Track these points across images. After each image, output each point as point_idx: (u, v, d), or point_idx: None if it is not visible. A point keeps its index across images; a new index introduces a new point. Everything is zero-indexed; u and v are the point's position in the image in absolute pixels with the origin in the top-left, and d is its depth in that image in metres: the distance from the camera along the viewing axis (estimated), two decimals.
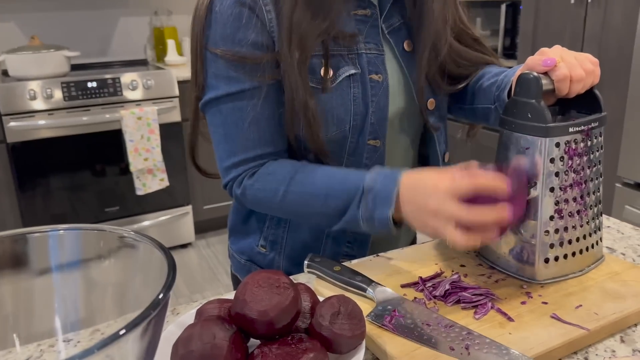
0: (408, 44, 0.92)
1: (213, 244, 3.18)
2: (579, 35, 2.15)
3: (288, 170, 0.84)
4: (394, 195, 0.75)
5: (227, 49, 0.82)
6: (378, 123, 0.88)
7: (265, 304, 0.56)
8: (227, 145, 0.86)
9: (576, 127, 0.73)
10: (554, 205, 0.74)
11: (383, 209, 0.76)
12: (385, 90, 0.88)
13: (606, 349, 0.64)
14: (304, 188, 0.82)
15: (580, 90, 0.76)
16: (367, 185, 0.78)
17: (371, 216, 0.77)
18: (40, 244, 0.50)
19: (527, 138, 0.73)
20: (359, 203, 0.78)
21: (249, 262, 1.00)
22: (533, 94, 0.73)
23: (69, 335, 0.52)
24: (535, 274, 0.76)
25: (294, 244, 0.95)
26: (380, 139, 0.89)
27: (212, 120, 0.87)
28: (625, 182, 1.97)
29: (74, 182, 2.74)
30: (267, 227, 0.96)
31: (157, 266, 0.45)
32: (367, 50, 0.87)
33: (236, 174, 0.87)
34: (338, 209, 0.80)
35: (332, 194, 0.80)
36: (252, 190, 0.86)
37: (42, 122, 2.56)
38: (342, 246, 0.94)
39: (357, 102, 0.86)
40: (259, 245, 0.98)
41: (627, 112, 1.90)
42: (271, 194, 0.84)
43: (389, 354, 0.62)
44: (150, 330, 0.39)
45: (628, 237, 0.93)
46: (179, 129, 2.89)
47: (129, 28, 3.31)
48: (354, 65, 0.85)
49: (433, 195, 0.71)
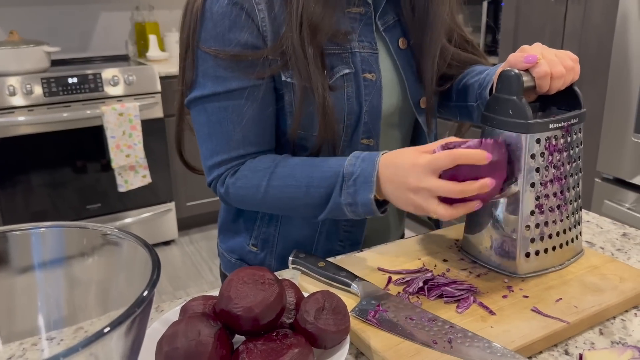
0: (402, 41, 0.92)
1: (196, 240, 3.16)
2: (559, 32, 2.18)
3: (268, 165, 0.84)
4: (374, 178, 0.76)
5: (217, 48, 0.81)
6: (371, 122, 0.88)
7: (250, 300, 0.56)
8: (210, 144, 0.86)
9: (556, 124, 0.75)
10: (534, 200, 0.75)
11: (364, 192, 0.77)
12: (378, 90, 0.88)
13: (585, 341, 0.66)
14: (285, 181, 0.82)
15: (561, 87, 0.77)
16: (347, 170, 0.78)
17: (354, 201, 0.78)
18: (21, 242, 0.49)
19: (508, 134, 0.74)
20: (341, 190, 0.78)
21: (239, 261, 1.00)
22: (514, 91, 0.74)
23: (52, 333, 0.52)
24: (516, 268, 0.77)
25: (285, 243, 0.95)
26: (373, 138, 0.89)
27: (197, 118, 0.87)
28: (605, 177, 2.00)
29: (54, 179, 2.70)
30: (258, 226, 0.96)
31: (141, 263, 0.45)
32: (361, 49, 0.87)
33: (219, 172, 0.87)
34: (321, 198, 0.81)
35: (313, 184, 0.81)
36: (235, 189, 0.86)
37: (22, 118, 2.52)
38: (335, 244, 0.94)
39: (351, 102, 0.86)
40: (250, 244, 0.97)
41: (606, 108, 1.93)
42: (253, 190, 0.84)
43: (373, 348, 0.62)
44: (134, 328, 0.38)
45: (607, 232, 0.95)
46: (161, 125, 2.87)
47: (110, 23, 3.28)
48: (348, 65, 0.85)
49: (412, 171, 0.72)
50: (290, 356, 0.54)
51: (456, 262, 0.81)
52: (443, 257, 0.83)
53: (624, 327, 0.68)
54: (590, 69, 2.06)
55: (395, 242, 0.89)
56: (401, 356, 0.60)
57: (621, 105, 1.88)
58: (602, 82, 2.00)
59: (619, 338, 0.66)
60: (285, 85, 0.84)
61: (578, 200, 0.81)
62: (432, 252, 0.84)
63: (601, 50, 2.01)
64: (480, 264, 0.81)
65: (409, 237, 0.91)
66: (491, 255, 0.79)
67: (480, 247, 0.80)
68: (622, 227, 0.96)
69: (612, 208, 1.95)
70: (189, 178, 3.06)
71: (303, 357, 0.54)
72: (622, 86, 1.86)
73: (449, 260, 0.82)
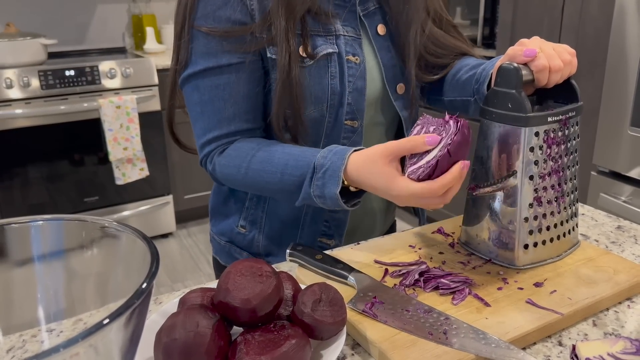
0: (381, 27, 0.93)
1: (194, 233, 3.17)
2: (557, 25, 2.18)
3: (251, 147, 0.86)
4: (341, 173, 0.77)
5: (209, 26, 0.83)
6: (355, 104, 0.90)
7: (247, 292, 0.56)
8: (203, 122, 0.88)
9: (554, 117, 0.75)
10: (533, 192, 0.76)
11: (331, 186, 0.78)
12: (362, 72, 0.90)
13: (579, 333, 0.67)
14: (262, 165, 0.84)
15: (558, 81, 0.77)
16: (318, 162, 0.80)
17: (322, 193, 0.79)
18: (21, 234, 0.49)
19: (507, 127, 0.75)
20: (311, 181, 0.80)
21: (228, 243, 1.02)
22: (513, 85, 0.74)
23: (51, 325, 0.52)
24: (514, 259, 0.78)
25: (272, 224, 0.97)
26: (357, 120, 0.91)
27: (190, 98, 0.89)
28: (601, 171, 2.01)
29: (52, 172, 2.70)
30: (247, 208, 0.98)
31: (140, 256, 0.45)
32: (345, 32, 0.89)
33: (209, 149, 0.89)
34: (294, 186, 0.82)
35: (287, 172, 0.82)
36: (220, 167, 0.88)
37: (19, 111, 2.52)
38: (320, 225, 0.96)
39: (335, 82, 0.88)
40: (239, 226, 0.99)
41: (603, 101, 1.93)
42: (235, 170, 0.87)
43: (369, 340, 0.63)
44: (133, 320, 0.39)
45: (602, 224, 0.95)
46: (158, 118, 2.87)
47: (107, 15, 3.26)
48: (332, 46, 0.87)
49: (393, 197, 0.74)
50: (287, 347, 0.54)
51: (452, 255, 0.82)
52: (439, 249, 0.84)
53: (617, 318, 0.69)
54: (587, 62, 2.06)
55: (392, 235, 0.89)
56: (397, 347, 0.61)
57: (618, 98, 1.88)
58: (599, 75, 2.00)
59: (612, 329, 0.67)
60: (271, 62, 0.86)
61: (575, 192, 0.82)
62: (428, 245, 0.85)
63: (598, 43, 2.02)
64: (478, 255, 0.81)
65: (405, 229, 0.91)
66: (489, 247, 0.80)
67: (478, 239, 0.81)
68: (616, 220, 0.97)
69: (607, 201, 1.96)
70: (187, 171, 3.06)
71: (300, 348, 0.55)
72: (619, 79, 1.87)
73: (444, 253, 0.83)
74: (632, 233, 0.92)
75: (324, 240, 0.96)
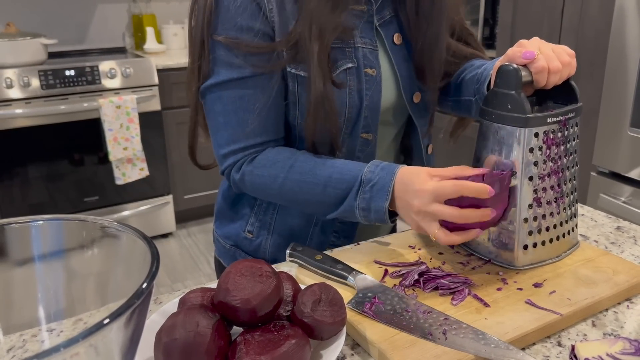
0: (398, 37, 0.92)
1: (194, 233, 3.17)
2: (557, 26, 2.18)
3: (288, 157, 0.86)
4: (391, 188, 0.78)
5: (231, 37, 0.82)
6: (371, 117, 0.90)
7: (247, 292, 0.56)
8: (226, 132, 0.87)
9: (554, 118, 0.75)
10: (532, 193, 0.76)
11: (379, 200, 0.79)
12: (378, 85, 0.89)
13: (578, 333, 0.67)
14: (303, 177, 0.84)
15: (557, 82, 0.77)
16: (366, 177, 0.80)
17: (368, 206, 0.80)
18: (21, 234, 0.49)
19: (507, 128, 0.75)
20: (357, 194, 0.80)
21: (234, 247, 1.01)
22: (513, 86, 0.74)
23: (52, 325, 0.52)
24: (514, 260, 0.78)
25: (281, 231, 0.96)
26: (372, 132, 0.91)
27: (212, 107, 0.88)
28: (600, 171, 2.01)
29: (52, 172, 2.70)
30: (255, 214, 0.97)
31: (140, 256, 0.45)
32: (363, 44, 0.88)
33: (235, 159, 0.88)
34: (336, 198, 0.82)
35: (331, 184, 0.82)
36: (251, 177, 0.87)
37: (19, 111, 2.52)
38: (329, 235, 0.96)
39: (353, 95, 0.87)
40: (246, 231, 0.98)
41: (603, 102, 1.94)
42: (270, 180, 0.86)
43: (369, 340, 0.63)
44: (134, 320, 0.39)
45: (601, 225, 0.95)
46: (158, 118, 2.87)
47: (107, 15, 3.26)
48: (351, 59, 0.87)
49: (418, 195, 0.75)
50: (287, 347, 0.54)
51: (451, 255, 0.82)
52: (438, 250, 0.84)
53: (616, 319, 0.69)
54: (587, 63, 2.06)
55: (392, 235, 0.89)
56: (397, 347, 0.61)
57: (617, 99, 1.88)
58: (599, 76, 2.01)
59: (611, 330, 0.67)
60: (290, 75, 0.85)
61: (574, 193, 0.82)
62: (427, 245, 0.85)
63: (598, 44, 2.02)
64: (478, 256, 0.81)
65: (405, 230, 0.92)
66: (489, 247, 0.80)
67: (478, 239, 0.81)
68: (616, 221, 0.97)
69: (607, 202, 1.96)
70: (187, 171, 3.06)
71: (300, 348, 0.55)
72: (619, 80, 1.87)
73: (444, 253, 0.83)
74: (632, 234, 0.92)
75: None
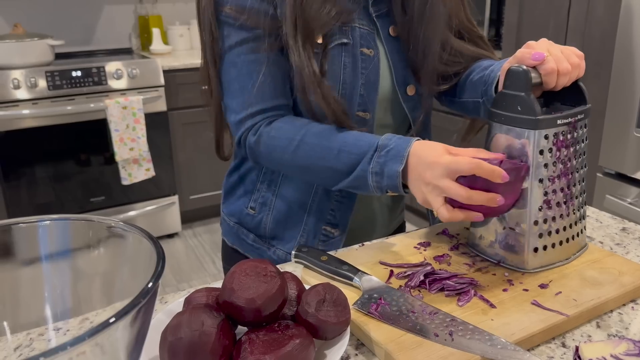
0: (393, 29, 0.93)
1: (199, 233, 3.17)
2: (563, 27, 2.17)
3: (305, 123, 0.87)
4: (406, 154, 0.78)
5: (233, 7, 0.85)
6: (368, 96, 0.90)
7: (252, 292, 0.57)
8: (242, 97, 0.88)
9: (564, 119, 0.75)
10: (542, 195, 0.76)
11: (394, 165, 0.78)
12: (376, 66, 0.90)
13: (582, 334, 0.66)
14: (319, 140, 0.84)
15: (566, 83, 0.77)
16: (382, 143, 0.81)
17: (381, 170, 0.79)
18: (28, 234, 0.50)
19: (517, 130, 0.75)
20: (371, 158, 0.80)
21: (237, 224, 1.03)
22: (523, 87, 0.74)
23: (58, 324, 0.53)
24: (524, 263, 0.77)
25: (281, 207, 0.98)
26: (369, 111, 0.91)
27: (227, 74, 0.89)
28: (607, 172, 2.00)
29: (59, 172, 2.72)
30: (258, 189, 0.99)
31: (146, 256, 0.45)
32: (360, 25, 0.90)
33: (252, 122, 0.89)
34: (349, 165, 0.82)
35: (346, 149, 0.82)
36: (268, 138, 0.87)
37: (26, 111, 2.53)
38: (326, 213, 0.96)
39: (347, 71, 0.88)
40: (249, 207, 1.01)
41: (609, 103, 1.93)
42: (286, 142, 0.86)
43: (375, 341, 0.63)
44: (139, 319, 0.39)
45: (606, 226, 0.95)
46: (164, 118, 2.88)
47: (114, 16, 3.28)
48: (346, 36, 0.88)
49: (431, 167, 0.75)
50: (291, 347, 0.54)
51: (457, 256, 0.82)
52: (444, 251, 0.84)
53: (621, 320, 0.69)
54: (593, 64, 2.05)
55: (397, 236, 0.89)
56: (403, 348, 0.61)
57: (624, 100, 1.88)
58: (605, 76, 2.00)
59: (615, 331, 0.67)
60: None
61: (583, 194, 0.82)
62: (433, 246, 0.85)
63: (604, 45, 2.01)
64: (485, 258, 0.81)
65: (410, 231, 0.91)
66: (498, 250, 0.80)
67: (486, 242, 0.81)
68: (621, 222, 0.97)
69: (613, 203, 1.96)
70: (192, 171, 3.07)
71: (304, 348, 0.55)
72: (625, 81, 1.86)
73: (450, 255, 0.83)
74: (637, 235, 0.91)
75: (328, 229, 0.97)
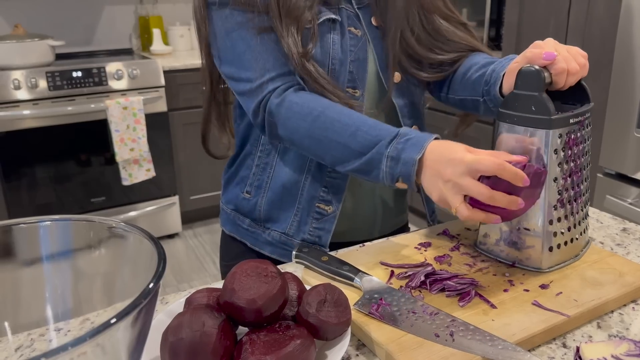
0: (375, 19, 0.95)
1: (200, 234, 3.17)
2: (563, 27, 2.17)
3: (330, 99, 0.87)
4: (426, 145, 0.77)
5: None
6: (357, 73, 0.92)
7: (253, 292, 0.57)
8: (258, 64, 0.88)
9: (575, 118, 0.75)
10: (557, 194, 0.76)
11: (412, 152, 0.78)
12: (364, 46, 0.92)
13: (583, 335, 0.66)
14: (339, 116, 0.84)
15: (573, 83, 0.78)
16: (403, 131, 0.81)
17: (398, 156, 0.79)
18: (29, 234, 0.50)
19: (531, 130, 0.75)
20: (389, 142, 0.80)
21: (234, 211, 1.04)
22: (536, 87, 0.74)
23: (59, 324, 0.53)
24: (540, 262, 0.77)
25: (274, 188, 0.98)
26: (359, 89, 0.92)
27: (236, 48, 0.89)
28: (607, 173, 2.00)
29: (59, 173, 2.72)
30: (254, 174, 1.00)
31: (147, 256, 0.45)
32: (347, 7, 0.92)
33: (274, 86, 0.89)
34: (365, 145, 0.82)
35: (363, 129, 0.82)
36: (291, 103, 0.87)
37: (27, 112, 2.53)
38: (319, 190, 0.97)
39: (336, 48, 0.90)
40: (245, 192, 1.02)
41: (609, 103, 1.93)
42: (307, 110, 0.86)
43: (376, 341, 0.63)
44: (140, 319, 0.39)
45: (607, 227, 0.95)
46: (165, 119, 2.88)
47: (114, 17, 3.28)
48: (335, 14, 0.90)
49: (453, 163, 0.73)
50: (292, 347, 0.55)
51: (458, 257, 0.82)
52: (445, 251, 0.84)
53: (622, 320, 0.69)
54: (593, 64, 2.05)
55: (397, 237, 0.89)
56: (404, 349, 0.61)
57: (624, 100, 1.88)
58: (605, 76, 2.00)
59: (616, 331, 0.67)
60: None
61: (588, 192, 0.82)
62: (434, 247, 0.85)
63: (604, 45, 2.01)
64: (492, 257, 0.81)
65: (411, 231, 0.91)
66: (511, 251, 0.79)
67: (499, 243, 0.81)
68: (621, 222, 0.97)
69: (614, 203, 1.95)
70: (193, 172, 3.07)
71: (305, 348, 0.55)
72: (625, 81, 1.86)
73: (452, 256, 0.83)
74: (638, 235, 0.91)
75: (322, 207, 0.97)
